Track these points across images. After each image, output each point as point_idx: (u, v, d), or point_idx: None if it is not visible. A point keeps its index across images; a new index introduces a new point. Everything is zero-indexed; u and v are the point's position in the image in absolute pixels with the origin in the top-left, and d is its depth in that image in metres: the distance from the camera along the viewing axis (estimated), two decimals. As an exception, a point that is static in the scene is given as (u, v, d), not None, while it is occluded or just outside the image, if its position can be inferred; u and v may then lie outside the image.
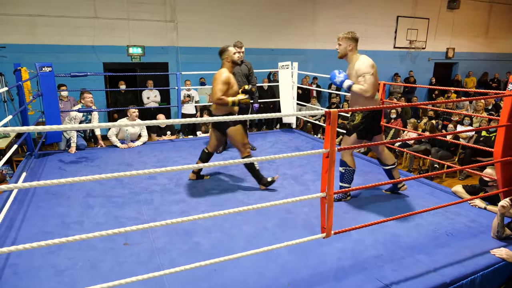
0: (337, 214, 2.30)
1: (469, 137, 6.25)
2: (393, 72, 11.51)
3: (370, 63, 2.97)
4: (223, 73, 3.34)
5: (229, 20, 8.97)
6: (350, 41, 3.02)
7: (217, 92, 3.30)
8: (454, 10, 12.02)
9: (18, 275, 2.16)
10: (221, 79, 3.31)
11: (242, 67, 4.54)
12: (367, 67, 2.94)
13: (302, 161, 4.37)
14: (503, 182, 2.94)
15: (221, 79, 3.30)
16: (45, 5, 7.28)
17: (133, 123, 1.68)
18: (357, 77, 2.98)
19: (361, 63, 2.98)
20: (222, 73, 3.34)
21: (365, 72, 2.93)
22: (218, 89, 3.30)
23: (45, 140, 4.62)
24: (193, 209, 3.10)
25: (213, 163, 1.88)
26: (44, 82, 4.34)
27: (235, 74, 4.46)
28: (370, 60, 3.00)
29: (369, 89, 2.92)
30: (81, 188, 3.47)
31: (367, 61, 2.98)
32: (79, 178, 1.50)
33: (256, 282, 2.13)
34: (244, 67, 4.56)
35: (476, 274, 2.26)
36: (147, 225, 1.68)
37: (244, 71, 4.57)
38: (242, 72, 4.54)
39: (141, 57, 8.34)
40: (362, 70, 2.95)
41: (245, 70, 4.58)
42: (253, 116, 1.94)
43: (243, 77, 4.57)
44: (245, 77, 4.58)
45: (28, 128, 1.42)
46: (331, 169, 1.96)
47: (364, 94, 2.94)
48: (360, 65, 2.97)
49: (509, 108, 2.81)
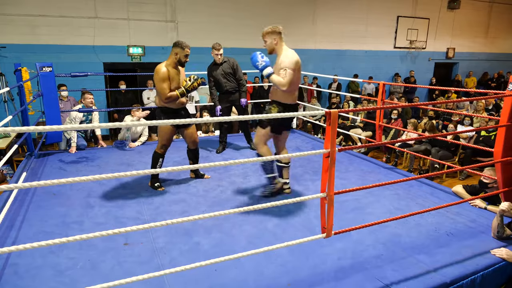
0: (337, 214, 2.30)
1: (470, 137, 6.25)
2: (393, 72, 11.52)
3: (295, 59, 2.97)
4: (160, 70, 3.22)
5: (229, 20, 8.98)
6: (274, 35, 3.02)
7: (163, 91, 3.22)
8: (455, 10, 12.02)
9: (19, 275, 2.16)
10: (159, 77, 3.20)
11: (224, 66, 4.54)
12: (291, 62, 2.94)
13: (303, 161, 4.37)
14: (503, 182, 2.94)
15: (160, 78, 3.20)
16: (45, 5, 7.28)
17: (135, 124, 1.68)
18: (279, 70, 2.98)
19: (285, 57, 2.99)
20: (159, 70, 3.22)
21: (287, 67, 2.93)
22: (162, 87, 3.22)
23: (45, 140, 4.62)
24: (193, 209, 3.10)
25: (214, 163, 1.88)
26: (44, 82, 4.34)
27: (218, 78, 4.53)
28: (296, 56, 3.00)
29: (286, 84, 2.92)
30: (82, 188, 3.48)
31: (293, 57, 2.98)
32: (79, 178, 1.50)
33: (257, 282, 2.13)
34: (225, 65, 4.54)
35: (477, 274, 2.26)
36: (147, 225, 1.68)
37: (227, 70, 4.55)
38: (225, 71, 4.54)
39: (141, 57, 8.35)
40: (285, 64, 2.95)
41: (227, 68, 4.55)
42: (253, 116, 1.94)
43: (228, 76, 4.57)
44: (230, 75, 4.57)
45: (29, 128, 1.42)
46: (331, 169, 1.96)
47: (280, 87, 2.95)
48: (284, 59, 2.98)
49: (509, 108, 2.80)
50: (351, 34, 10.68)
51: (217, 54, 4.44)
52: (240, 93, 4.67)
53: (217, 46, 4.45)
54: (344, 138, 7.75)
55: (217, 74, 4.54)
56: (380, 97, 4.37)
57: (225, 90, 4.61)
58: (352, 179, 3.85)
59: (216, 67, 4.56)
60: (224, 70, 4.54)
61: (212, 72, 4.58)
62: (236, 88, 4.65)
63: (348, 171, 4.10)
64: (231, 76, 4.58)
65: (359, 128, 7.67)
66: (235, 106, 4.81)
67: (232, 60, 4.58)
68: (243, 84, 4.66)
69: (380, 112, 4.49)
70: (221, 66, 4.53)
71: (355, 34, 10.73)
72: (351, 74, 10.31)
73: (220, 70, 4.53)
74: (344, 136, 7.62)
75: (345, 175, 3.94)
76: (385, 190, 3.47)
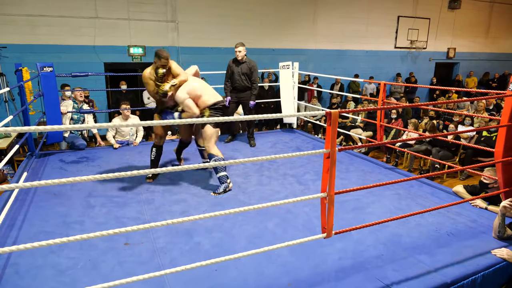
0: (338, 214, 2.30)
1: (470, 137, 6.24)
2: (394, 72, 11.51)
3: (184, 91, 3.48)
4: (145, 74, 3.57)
5: (230, 20, 8.98)
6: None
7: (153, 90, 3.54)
8: (455, 10, 12.02)
9: (19, 275, 2.16)
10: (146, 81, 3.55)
11: (243, 65, 4.86)
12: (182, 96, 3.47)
13: (303, 161, 4.37)
14: (504, 182, 2.94)
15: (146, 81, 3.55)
16: (46, 5, 7.29)
17: (134, 124, 1.68)
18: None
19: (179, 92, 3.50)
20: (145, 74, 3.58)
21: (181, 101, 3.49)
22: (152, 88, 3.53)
23: (46, 140, 4.63)
24: (194, 209, 3.11)
25: (214, 163, 1.88)
26: (45, 82, 4.35)
27: (233, 73, 4.89)
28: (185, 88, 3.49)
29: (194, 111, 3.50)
30: (82, 188, 3.48)
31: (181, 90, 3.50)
32: (80, 178, 1.50)
33: (257, 282, 2.13)
34: (245, 66, 4.87)
35: (477, 274, 2.26)
36: (148, 225, 1.68)
37: (244, 70, 4.87)
38: (242, 71, 4.87)
39: (142, 57, 8.35)
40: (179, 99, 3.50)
41: (246, 69, 4.87)
42: (253, 116, 1.94)
43: (243, 75, 4.89)
44: (245, 75, 4.90)
45: (29, 128, 1.42)
46: (332, 169, 1.96)
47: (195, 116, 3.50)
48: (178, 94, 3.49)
49: (510, 108, 2.80)
50: (352, 34, 10.67)
51: (236, 51, 4.80)
52: (251, 94, 4.99)
53: (236, 44, 4.85)
54: (345, 138, 7.75)
55: (234, 70, 4.91)
56: (381, 97, 4.36)
57: (237, 87, 4.95)
58: (352, 179, 3.85)
59: (236, 64, 4.92)
60: (242, 69, 4.88)
61: (231, 67, 4.96)
62: (248, 88, 4.96)
63: (349, 171, 4.10)
64: (246, 76, 4.90)
65: (360, 128, 7.66)
66: (243, 104, 5.09)
67: (253, 63, 4.91)
68: (255, 87, 4.98)
69: (381, 112, 4.49)
70: (241, 64, 4.88)
71: (355, 34, 10.72)
72: (351, 74, 10.31)
73: (238, 68, 4.89)
74: (345, 136, 7.62)
75: (345, 175, 3.94)
76: (386, 190, 3.46)
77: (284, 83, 6.03)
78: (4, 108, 7.31)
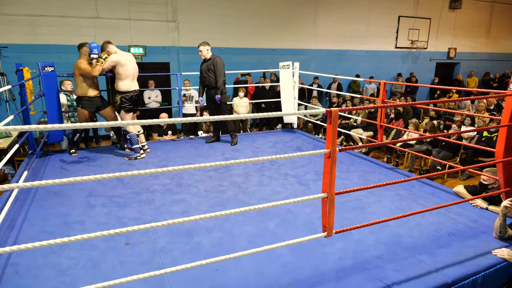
0: (338, 214, 2.30)
1: (471, 137, 6.23)
2: (395, 72, 11.50)
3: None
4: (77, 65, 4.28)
5: (230, 20, 8.98)
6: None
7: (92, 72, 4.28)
8: (456, 10, 12.00)
9: (20, 275, 2.16)
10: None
11: (208, 63, 5.01)
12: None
13: (304, 161, 4.37)
14: (505, 182, 2.93)
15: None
16: (47, 5, 7.30)
17: (135, 122, 1.68)
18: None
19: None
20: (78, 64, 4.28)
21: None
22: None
23: (47, 140, 4.63)
24: (194, 209, 3.11)
25: (214, 163, 1.88)
26: (46, 82, 4.36)
27: (201, 72, 5.09)
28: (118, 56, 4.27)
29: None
30: (83, 187, 3.48)
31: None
32: (80, 178, 1.50)
33: (257, 282, 2.13)
34: (209, 63, 5.00)
35: (478, 275, 2.25)
36: (148, 225, 1.68)
37: (209, 67, 5.02)
38: (207, 68, 5.03)
39: (142, 57, 8.36)
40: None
41: (210, 66, 5.00)
42: (254, 115, 1.94)
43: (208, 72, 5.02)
44: (211, 72, 5.01)
45: (30, 127, 1.42)
46: (333, 169, 1.96)
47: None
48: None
49: (510, 108, 2.80)
50: (352, 34, 10.67)
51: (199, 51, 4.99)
52: (216, 88, 5.03)
53: (198, 45, 5.01)
54: (345, 138, 7.74)
55: (202, 68, 5.10)
56: (381, 97, 4.36)
57: (206, 85, 5.11)
58: (353, 179, 3.84)
59: (202, 63, 5.10)
60: (208, 67, 5.02)
61: (200, 67, 5.13)
62: (213, 84, 5.04)
63: (349, 171, 4.10)
64: (212, 73, 4.99)
65: (360, 128, 7.66)
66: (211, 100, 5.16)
67: (217, 59, 4.97)
68: (219, 81, 4.98)
69: (381, 111, 4.48)
70: (206, 62, 5.04)
71: (356, 34, 10.72)
72: (352, 74, 10.30)
73: (204, 66, 5.07)
74: (345, 136, 7.61)
75: (346, 175, 3.94)
76: (387, 191, 3.46)
77: (285, 83, 6.03)
78: (5, 108, 7.32)
